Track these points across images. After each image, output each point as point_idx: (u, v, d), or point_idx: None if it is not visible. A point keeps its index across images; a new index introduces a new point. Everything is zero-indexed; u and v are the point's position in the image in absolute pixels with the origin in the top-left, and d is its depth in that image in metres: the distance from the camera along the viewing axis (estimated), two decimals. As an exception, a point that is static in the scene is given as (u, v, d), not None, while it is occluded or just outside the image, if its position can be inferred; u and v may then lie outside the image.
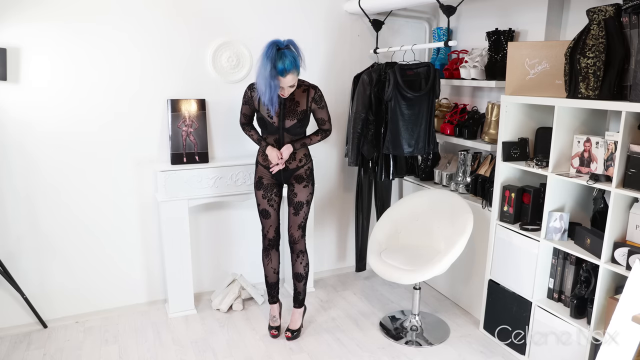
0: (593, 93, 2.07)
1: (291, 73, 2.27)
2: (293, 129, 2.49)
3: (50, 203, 2.75)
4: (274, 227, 2.70)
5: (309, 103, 2.49)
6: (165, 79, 2.87)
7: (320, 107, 2.53)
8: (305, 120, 2.52)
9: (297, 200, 2.61)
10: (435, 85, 2.95)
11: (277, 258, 2.77)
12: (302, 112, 2.48)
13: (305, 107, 2.49)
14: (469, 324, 2.92)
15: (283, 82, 2.29)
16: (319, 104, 2.52)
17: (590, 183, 2.10)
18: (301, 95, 2.47)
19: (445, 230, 2.75)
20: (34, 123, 2.64)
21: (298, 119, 2.47)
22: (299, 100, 2.47)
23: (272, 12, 3.06)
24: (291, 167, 2.58)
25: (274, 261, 2.75)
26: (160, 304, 3.11)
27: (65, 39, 2.61)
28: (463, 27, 3.31)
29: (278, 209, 2.69)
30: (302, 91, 2.48)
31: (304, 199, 2.63)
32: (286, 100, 2.45)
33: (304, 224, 2.67)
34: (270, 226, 2.69)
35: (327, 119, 2.59)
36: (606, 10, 2.00)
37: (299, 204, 2.62)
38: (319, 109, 2.54)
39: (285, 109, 2.46)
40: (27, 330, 2.78)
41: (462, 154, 3.08)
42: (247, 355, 2.58)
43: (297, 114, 2.46)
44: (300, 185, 2.61)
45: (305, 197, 2.63)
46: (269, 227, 2.69)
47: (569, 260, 2.33)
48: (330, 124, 2.62)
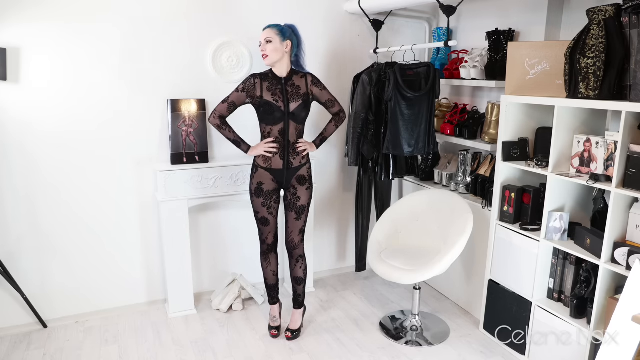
0: (593, 93, 2.07)
1: (270, 29, 2.44)
2: (298, 112, 2.49)
3: (50, 203, 2.75)
4: (273, 232, 2.69)
5: (309, 87, 2.54)
6: (165, 79, 2.87)
7: (322, 89, 2.58)
8: (308, 104, 2.54)
9: (300, 204, 2.60)
10: (435, 85, 2.95)
11: (276, 260, 2.77)
12: (304, 94, 2.52)
13: (306, 90, 2.53)
14: (469, 324, 2.92)
15: (261, 37, 2.45)
16: (319, 86, 2.57)
17: (590, 183, 2.10)
18: (300, 81, 2.53)
19: (445, 230, 2.75)
20: (34, 123, 2.64)
21: (302, 99, 2.50)
22: (299, 85, 2.51)
23: (272, 12, 3.06)
24: (295, 164, 2.56)
25: (272, 264, 2.75)
26: (160, 304, 3.11)
27: (65, 39, 2.61)
28: (463, 27, 3.31)
29: (276, 215, 2.67)
30: (300, 77, 2.53)
31: (307, 201, 2.62)
32: (287, 87, 2.48)
33: (305, 229, 2.67)
34: (269, 232, 2.67)
35: (334, 99, 2.63)
36: (606, 10, 2.00)
37: (301, 207, 2.61)
38: (321, 92, 2.57)
39: (288, 94, 2.48)
40: (27, 330, 2.78)
41: (462, 154, 3.08)
42: (247, 355, 2.58)
43: (300, 96, 2.50)
44: (303, 188, 2.60)
45: (307, 199, 2.63)
46: (268, 234, 2.67)
47: (569, 260, 2.33)
48: (340, 104, 2.65)
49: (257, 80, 2.47)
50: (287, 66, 2.49)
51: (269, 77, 2.48)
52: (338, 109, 2.65)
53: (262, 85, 2.46)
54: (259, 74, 2.50)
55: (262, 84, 2.47)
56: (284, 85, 2.48)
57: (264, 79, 2.47)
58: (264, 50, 2.44)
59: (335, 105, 2.63)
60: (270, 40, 2.42)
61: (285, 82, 2.49)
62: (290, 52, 2.48)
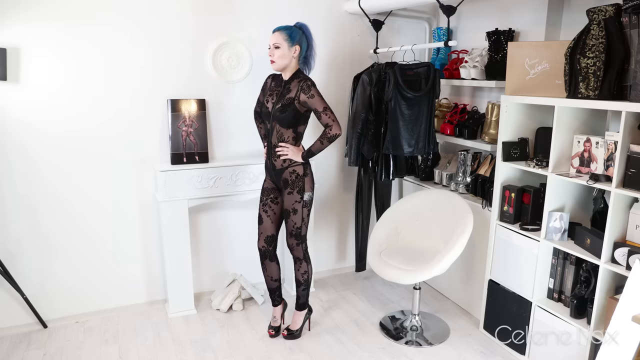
0: (593, 93, 2.07)
1: (279, 33, 2.42)
2: (278, 114, 2.46)
3: (51, 202, 2.75)
4: (265, 235, 2.64)
5: (298, 92, 2.44)
6: (165, 78, 2.87)
7: (310, 97, 2.41)
8: (290, 108, 2.43)
9: (285, 207, 2.58)
10: (435, 85, 2.95)
11: (274, 268, 2.71)
12: (289, 99, 2.45)
13: (294, 95, 2.45)
14: (469, 324, 2.92)
15: (270, 41, 2.44)
16: (306, 93, 2.41)
17: (590, 183, 2.10)
18: (295, 85, 2.48)
19: (445, 230, 2.75)
20: (34, 122, 2.64)
21: (282, 104, 2.46)
22: (292, 89, 2.48)
23: (272, 12, 3.06)
24: (277, 166, 2.54)
25: (269, 270, 2.71)
26: (160, 304, 3.11)
27: (65, 39, 2.61)
28: (463, 27, 3.31)
29: (273, 217, 2.63)
30: (298, 81, 2.48)
31: (290, 206, 2.54)
32: (283, 89, 2.50)
33: (297, 232, 2.58)
34: (261, 234, 2.64)
35: (322, 110, 2.42)
36: (606, 10, 2.00)
37: (286, 211, 2.58)
38: (308, 99, 2.41)
39: (279, 95, 2.50)
40: (27, 330, 2.78)
41: (462, 154, 3.08)
42: (247, 355, 2.58)
43: (284, 99, 2.47)
44: (285, 192, 2.55)
45: (291, 204, 2.53)
46: (260, 235, 2.65)
47: (569, 260, 2.33)
48: (330, 117, 2.42)
49: (269, 79, 2.63)
50: (292, 70, 2.49)
51: (277, 78, 2.58)
52: (325, 122, 2.43)
53: (270, 84, 2.59)
54: (272, 74, 2.64)
55: (271, 83, 2.59)
56: (283, 87, 2.50)
57: (274, 79, 2.60)
58: (271, 55, 2.43)
59: (322, 117, 2.43)
60: (278, 46, 2.41)
61: (285, 84, 2.50)
62: (298, 57, 2.47)
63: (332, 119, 2.44)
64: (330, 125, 2.44)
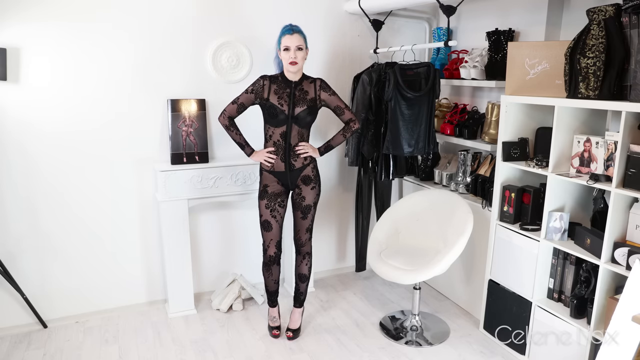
0: (593, 93, 2.07)
1: (300, 36, 2.41)
2: (302, 116, 2.48)
3: (51, 203, 2.75)
4: (275, 241, 2.60)
5: (317, 91, 2.52)
6: (165, 78, 2.87)
7: (331, 94, 2.54)
8: (314, 109, 2.52)
9: (306, 203, 2.59)
10: (435, 85, 2.95)
11: (278, 271, 2.71)
12: (312, 99, 2.51)
13: (314, 95, 2.51)
14: (469, 324, 2.92)
15: (291, 42, 2.38)
16: (327, 91, 2.53)
17: (590, 183, 2.10)
18: (309, 86, 2.52)
19: (445, 230, 2.75)
20: (34, 123, 2.64)
21: (307, 105, 2.49)
22: (308, 90, 2.51)
23: (272, 12, 3.06)
24: (297, 165, 2.56)
25: (274, 274, 2.69)
26: (160, 304, 3.11)
27: (65, 39, 2.61)
28: (463, 27, 3.31)
29: (281, 221, 2.62)
30: (310, 82, 2.53)
31: (312, 201, 2.61)
32: (295, 91, 2.48)
33: (312, 227, 2.66)
34: (271, 240, 2.60)
35: (344, 106, 2.57)
36: (606, 10, 2.00)
37: (307, 207, 2.60)
38: (329, 97, 2.54)
39: (295, 98, 2.48)
40: (27, 330, 2.78)
41: (462, 154, 3.08)
42: (247, 355, 2.58)
43: (306, 101, 2.49)
44: (308, 187, 2.59)
45: (313, 199, 2.61)
46: (270, 242, 2.60)
47: (569, 260, 2.33)
48: (352, 112, 2.59)
49: (266, 82, 2.50)
50: (301, 71, 2.50)
51: (278, 80, 2.50)
52: (349, 117, 2.58)
53: (271, 87, 2.48)
54: (268, 75, 2.52)
55: (271, 86, 2.49)
56: (292, 89, 2.48)
57: (273, 82, 2.50)
58: (294, 57, 2.40)
59: (344, 113, 2.57)
60: (301, 48, 2.42)
61: (295, 86, 2.49)
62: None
63: (353, 114, 2.61)
64: (354, 120, 2.60)
